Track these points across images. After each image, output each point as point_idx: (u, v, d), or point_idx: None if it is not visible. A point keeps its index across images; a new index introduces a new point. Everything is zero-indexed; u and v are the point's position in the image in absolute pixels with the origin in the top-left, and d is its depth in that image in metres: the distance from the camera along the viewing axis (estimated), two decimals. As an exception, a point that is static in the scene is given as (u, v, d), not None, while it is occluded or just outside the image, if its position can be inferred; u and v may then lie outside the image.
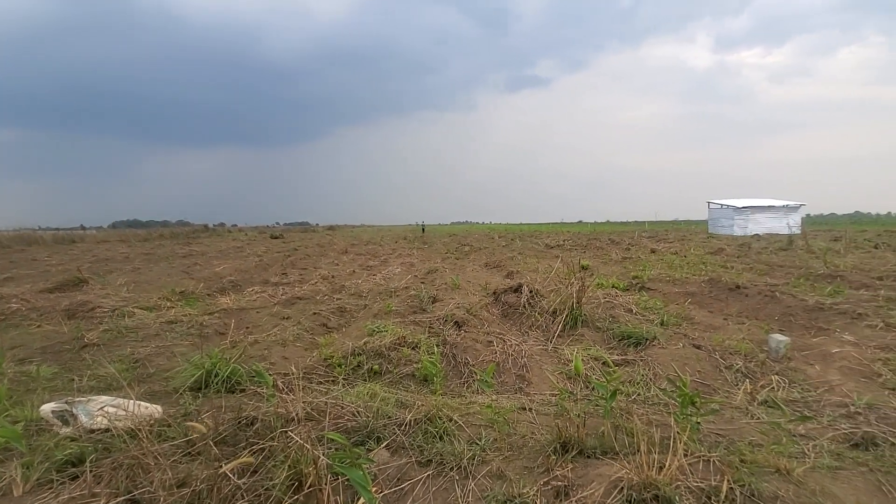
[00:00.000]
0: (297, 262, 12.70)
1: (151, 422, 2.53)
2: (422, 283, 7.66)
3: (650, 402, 3.10)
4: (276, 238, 30.56)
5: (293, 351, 4.33)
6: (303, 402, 2.60)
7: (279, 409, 2.49)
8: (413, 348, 4.21)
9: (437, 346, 4.23)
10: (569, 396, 2.46)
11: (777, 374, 3.53)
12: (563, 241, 20.17)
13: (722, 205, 29.19)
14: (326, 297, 6.80)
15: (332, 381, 3.56)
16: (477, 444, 2.40)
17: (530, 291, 5.90)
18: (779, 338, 3.95)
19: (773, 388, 3.31)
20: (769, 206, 27.81)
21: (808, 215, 31.93)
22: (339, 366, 3.83)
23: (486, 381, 2.48)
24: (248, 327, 5.21)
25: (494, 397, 3.31)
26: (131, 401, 2.58)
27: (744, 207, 27.58)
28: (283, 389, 3.12)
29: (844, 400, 3.02)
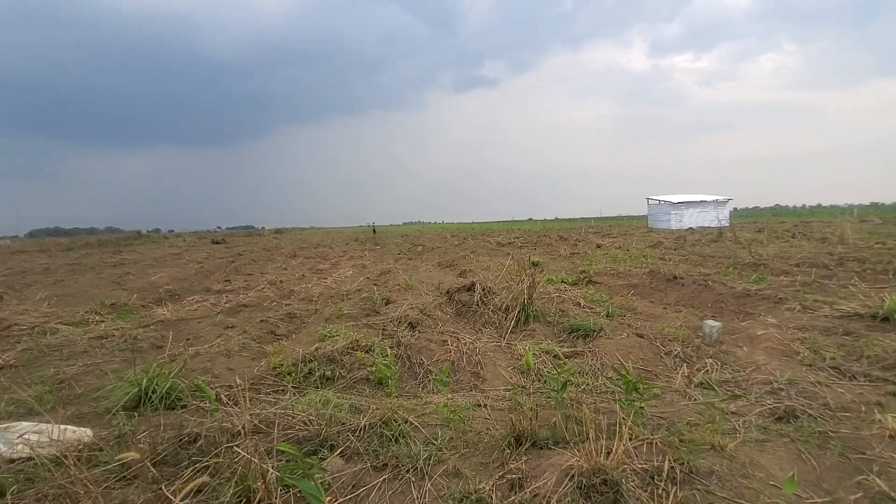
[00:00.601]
0: (242, 267, 12.15)
1: (80, 446, 2.32)
2: (375, 285, 7.56)
3: (598, 391, 3.23)
4: (217, 243, 29.01)
5: (239, 361, 4.13)
6: (250, 415, 2.49)
7: (224, 424, 2.37)
8: (367, 352, 4.14)
9: (392, 348, 4.19)
10: (522, 390, 2.51)
11: (711, 357, 3.78)
12: (515, 238, 20.64)
13: (660, 201, 30.98)
14: (274, 303, 6.55)
15: (282, 390, 3.43)
16: (433, 444, 2.39)
17: (483, 289, 5.97)
18: (712, 323, 4.25)
19: (708, 370, 3.55)
20: (701, 202, 29.84)
21: (735, 209, 34.53)
22: (290, 374, 3.70)
23: (441, 380, 2.48)
24: (188, 339, 4.92)
25: (450, 396, 3.33)
26: (56, 425, 2.36)
27: (679, 203, 29.44)
28: (228, 402, 2.97)
29: (769, 378, 3.29)
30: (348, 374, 3.76)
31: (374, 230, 41.97)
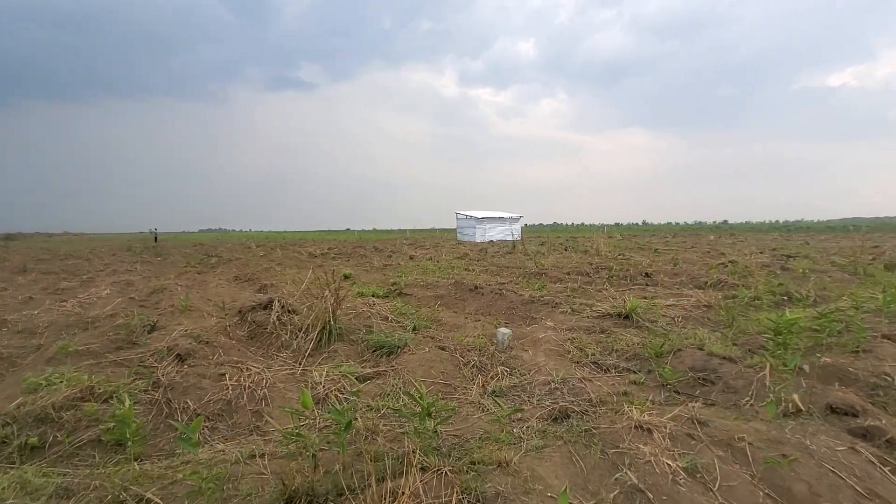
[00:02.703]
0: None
1: None
2: (141, 306, 6.06)
3: (398, 415, 3.02)
4: None
5: None
6: None
7: None
8: (104, 401, 3.13)
9: (144, 391, 3.25)
10: (298, 438, 2.09)
11: (502, 363, 3.98)
12: (329, 249, 19.81)
13: (466, 215, 34.08)
14: (-33, 340, 4.59)
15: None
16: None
17: (282, 307, 5.29)
18: (503, 331, 4.53)
19: (500, 377, 3.70)
20: (500, 217, 33.95)
21: (525, 225, 40.37)
22: (-41, 451, 2.49)
23: (187, 439, 1.88)
24: None
25: (220, 448, 2.68)
26: None
27: (482, 218, 32.90)
28: None
29: (548, 378, 3.58)
30: (69, 438, 2.74)
31: (155, 238, 35.11)
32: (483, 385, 3.56)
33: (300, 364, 4.05)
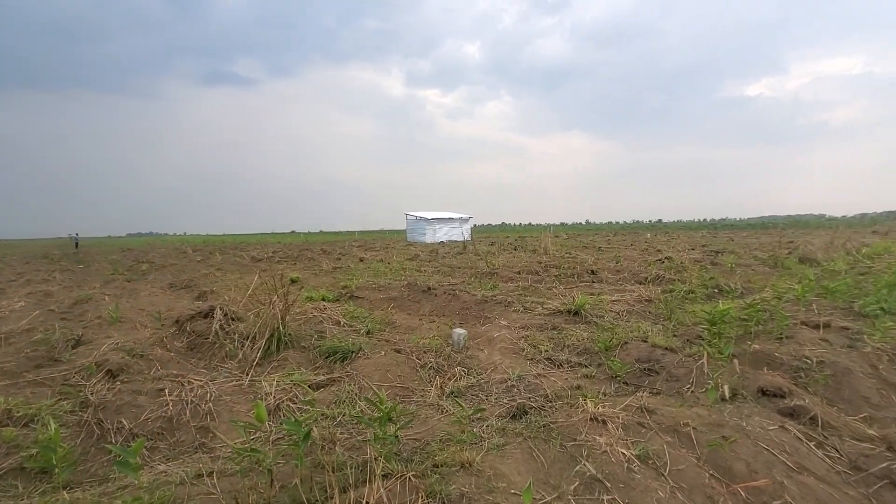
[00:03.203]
0: None
1: None
2: (62, 319, 5.50)
3: (355, 422, 2.93)
4: None
5: None
6: None
7: None
8: (25, 425, 2.81)
9: (71, 412, 2.95)
10: (252, 454, 1.97)
11: (459, 364, 3.99)
12: (273, 252, 19.03)
13: (416, 216, 34.03)
14: None
15: None
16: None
17: (225, 315, 5.00)
18: (459, 331, 4.54)
19: (458, 378, 3.70)
20: (450, 218, 34.18)
21: (475, 226, 40.91)
22: None
23: (125, 462, 1.71)
24: None
25: (162, 469, 2.48)
26: None
27: (432, 219, 32.97)
28: None
29: (504, 376, 3.63)
30: (-18, 469, 2.43)
31: (76, 244, 32.09)
32: (441, 386, 3.54)
33: (247, 374, 3.84)
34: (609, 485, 2.05)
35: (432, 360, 4.06)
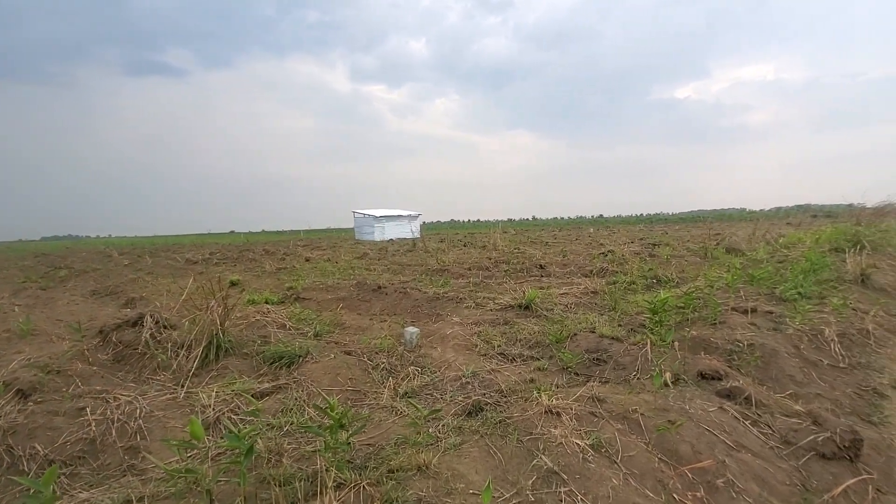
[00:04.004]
0: None
1: None
2: (-41, 335, 4.84)
3: (304, 430, 2.78)
4: None
5: None
6: None
7: None
8: None
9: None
10: (201, 458, 1.79)
11: (412, 363, 3.91)
12: (211, 254, 17.93)
13: (364, 214, 33.42)
14: None
15: None
16: None
17: (156, 323, 4.60)
18: (411, 330, 4.46)
19: (411, 378, 3.62)
20: (398, 216, 33.86)
21: (424, 223, 40.81)
22: None
23: (36, 495, 1.49)
24: None
25: (85, 497, 2.22)
26: None
27: (381, 216, 32.52)
28: None
29: (458, 374, 3.59)
30: None
31: None
32: (394, 387, 3.45)
33: (183, 386, 3.54)
34: (566, 476, 2.06)
35: (384, 360, 3.96)
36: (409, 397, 3.26)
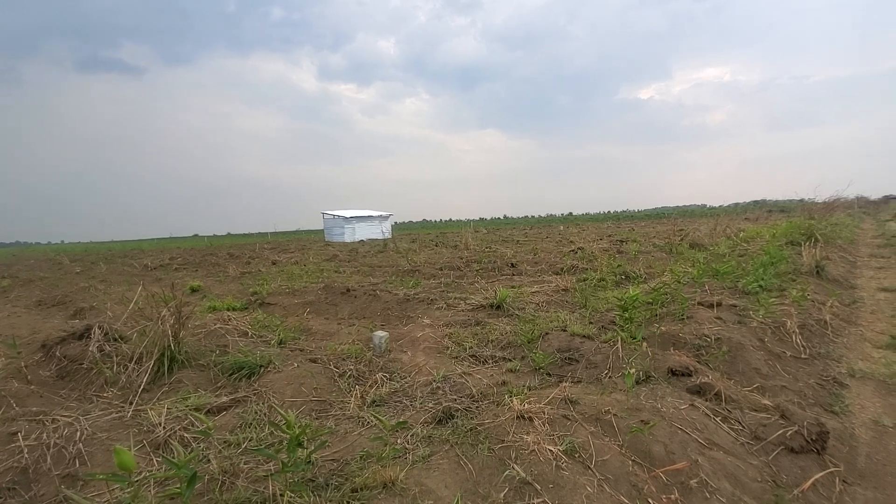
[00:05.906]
0: None
1: None
2: None
3: (264, 445, 2.60)
4: None
5: None
6: None
7: None
8: None
9: None
10: (146, 484, 1.61)
11: (381, 369, 3.76)
12: (171, 259, 17.14)
13: (334, 215, 32.82)
14: None
15: None
16: None
17: (105, 335, 4.29)
18: (380, 334, 4.31)
19: (380, 385, 3.47)
20: (369, 216, 33.43)
21: (395, 223, 40.47)
22: None
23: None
24: None
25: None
26: None
27: (351, 217, 32.00)
28: None
29: (429, 378, 3.48)
30: None
31: None
32: (362, 396, 3.29)
33: (131, 404, 3.28)
34: (539, 487, 1.98)
35: (352, 367, 3.79)
36: (376, 406, 3.13)
